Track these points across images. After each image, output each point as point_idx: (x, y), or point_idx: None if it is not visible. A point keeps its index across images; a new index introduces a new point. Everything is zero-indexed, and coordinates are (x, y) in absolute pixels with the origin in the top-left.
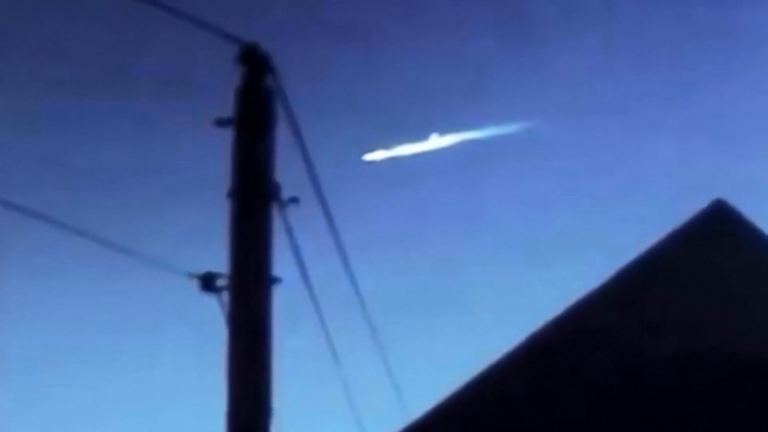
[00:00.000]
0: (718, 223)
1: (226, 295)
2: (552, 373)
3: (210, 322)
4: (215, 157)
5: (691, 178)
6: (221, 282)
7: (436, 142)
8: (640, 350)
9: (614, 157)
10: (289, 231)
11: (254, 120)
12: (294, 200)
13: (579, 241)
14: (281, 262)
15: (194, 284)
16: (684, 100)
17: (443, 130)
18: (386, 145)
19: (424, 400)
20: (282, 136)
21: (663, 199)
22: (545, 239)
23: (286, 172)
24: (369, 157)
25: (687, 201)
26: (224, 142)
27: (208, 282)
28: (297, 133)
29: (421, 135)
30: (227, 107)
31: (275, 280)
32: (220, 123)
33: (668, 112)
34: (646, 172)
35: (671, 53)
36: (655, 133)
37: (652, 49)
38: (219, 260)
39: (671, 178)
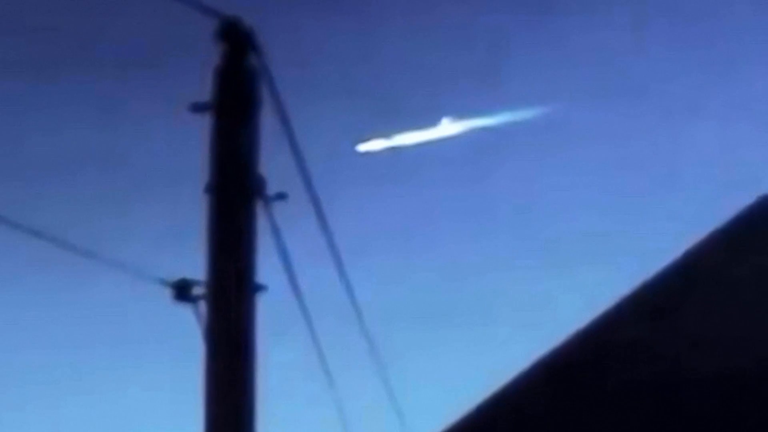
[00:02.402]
0: (764, 222)
1: (203, 305)
2: (575, 395)
3: (185, 335)
4: (191, 147)
5: (733, 171)
6: (198, 290)
7: (442, 129)
8: (676, 367)
9: (646, 147)
10: (276, 231)
11: (235, 105)
12: (281, 196)
13: (606, 244)
14: (266, 267)
15: (167, 293)
16: (726, 81)
17: (450, 117)
18: (385, 134)
19: (429, 425)
20: (267, 123)
21: (702, 196)
22: (567, 241)
23: (273, 165)
24: (364, 147)
25: (729, 197)
26: (201, 130)
27: (183, 290)
28: (284, 120)
29: (425, 122)
30: (205, 90)
31: (259, 288)
32: (197, 108)
33: (708, 94)
34: (682, 164)
35: (710, 27)
36: (692, 120)
37: (689, 23)
38: (195, 265)
39: (711, 171)
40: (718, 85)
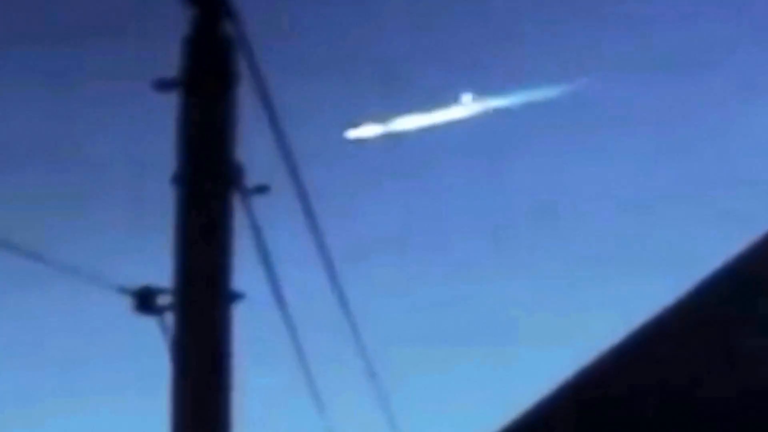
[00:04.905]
0: None
1: (170, 317)
2: (610, 420)
3: (149, 351)
4: (156, 130)
5: None
6: (164, 299)
7: (451, 112)
8: (725, 388)
9: (692, 133)
10: (256, 229)
11: (208, 80)
12: (262, 189)
13: (643, 247)
14: (245, 272)
15: (128, 302)
16: None
17: (463, 95)
18: (380, 117)
19: None
20: (246, 102)
21: (757, 191)
22: (598, 244)
23: (253, 151)
24: (354, 133)
25: None
26: (169, 109)
27: (146, 300)
28: (265, 98)
29: (431, 103)
30: (172, 63)
31: (236, 296)
32: (163, 85)
33: (764, 69)
34: (735, 153)
35: None
36: (749, 101)
37: None
38: (161, 269)
39: (765, 161)
40: None
